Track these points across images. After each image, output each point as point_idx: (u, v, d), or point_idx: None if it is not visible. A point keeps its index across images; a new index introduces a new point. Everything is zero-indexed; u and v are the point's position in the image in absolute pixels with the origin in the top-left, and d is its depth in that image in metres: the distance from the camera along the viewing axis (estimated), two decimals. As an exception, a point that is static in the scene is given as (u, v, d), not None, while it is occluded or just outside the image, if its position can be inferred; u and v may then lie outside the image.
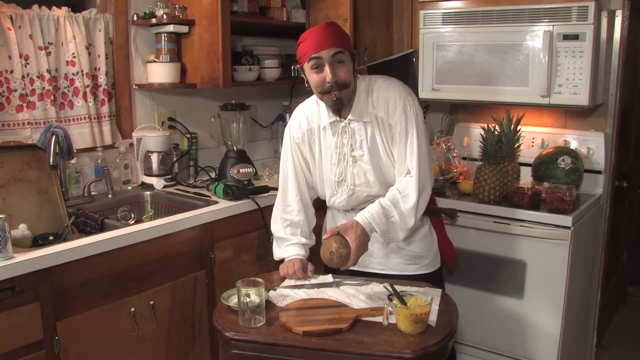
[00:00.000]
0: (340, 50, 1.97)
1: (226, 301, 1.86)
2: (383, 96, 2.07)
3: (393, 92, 2.06)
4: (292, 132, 2.23)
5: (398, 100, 2.04)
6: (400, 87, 2.09)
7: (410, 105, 2.05)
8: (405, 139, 2.04)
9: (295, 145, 2.22)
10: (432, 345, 1.62)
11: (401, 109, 2.04)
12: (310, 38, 2.00)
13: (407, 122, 2.04)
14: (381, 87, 2.09)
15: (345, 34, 2.06)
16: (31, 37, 2.51)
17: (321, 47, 1.96)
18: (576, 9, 2.56)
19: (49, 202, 2.41)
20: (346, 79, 2.00)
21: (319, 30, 2.00)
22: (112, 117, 2.88)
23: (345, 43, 2.01)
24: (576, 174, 2.80)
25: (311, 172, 2.24)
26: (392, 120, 2.05)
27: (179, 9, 2.89)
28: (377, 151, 2.10)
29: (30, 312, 1.88)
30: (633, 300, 4.20)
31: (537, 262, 2.60)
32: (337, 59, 1.97)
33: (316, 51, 1.97)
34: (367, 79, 2.13)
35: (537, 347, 2.66)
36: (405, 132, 2.04)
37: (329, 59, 1.97)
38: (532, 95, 2.72)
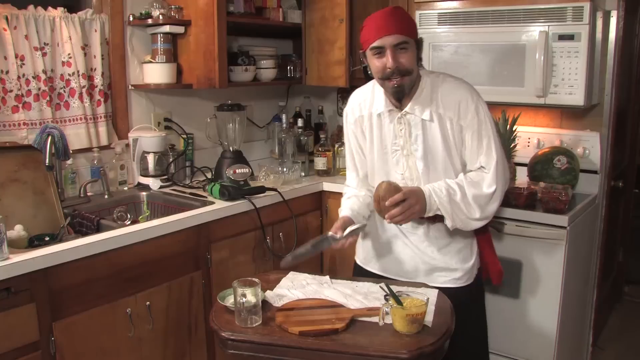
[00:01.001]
0: (404, 39, 1.89)
1: (222, 301, 1.86)
2: (453, 96, 1.98)
3: (464, 93, 1.99)
4: (348, 118, 2.19)
5: (470, 102, 1.97)
6: (471, 89, 2.02)
7: (482, 109, 1.98)
8: (478, 141, 1.98)
9: (352, 131, 2.18)
10: (428, 345, 1.62)
11: (474, 110, 1.97)
12: (374, 23, 1.92)
13: (479, 125, 1.97)
14: (451, 86, 2.01)
15: (410, 19, 1.96)
16: (27, 38, 2.51)
17: (384, 33, 1.88)
18: (571, 9, 2.57)
19: (44, 203, 2.41)
20: (408, 65, 1.91)
21: (383, 15, 1.91)
22: (108, 118, 2.88)
23: (410, 30, 1.92)
24: (572, 174, 2.80)
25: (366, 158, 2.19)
26: (463, 121, 1.97)
27: (175, 10, 2.89)
28: (434, 149, 2.02)
29: (26, 313, 1.88)
30: (629, 299, 4.21)
31: (533, 262, 2.60)
32: (400, 46, 1.89)
33: (378, 37, 1.89)
34: (434, 75, 2.05)
35: (533, 346, 2.66)
36: (478, 135, 1.98)
37: (392, 46, 1.89)
38: (528, 95, 2.72)
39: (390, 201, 1.85)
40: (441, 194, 1.93)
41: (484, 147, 1.98)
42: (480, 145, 1.98)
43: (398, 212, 1.86)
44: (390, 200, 1.85)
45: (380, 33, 1.88)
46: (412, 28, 1.94)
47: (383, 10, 1.94)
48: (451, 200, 1.94)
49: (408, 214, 1.88)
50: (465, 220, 1.98)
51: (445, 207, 1.94)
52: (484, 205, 1.98)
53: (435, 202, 1.92)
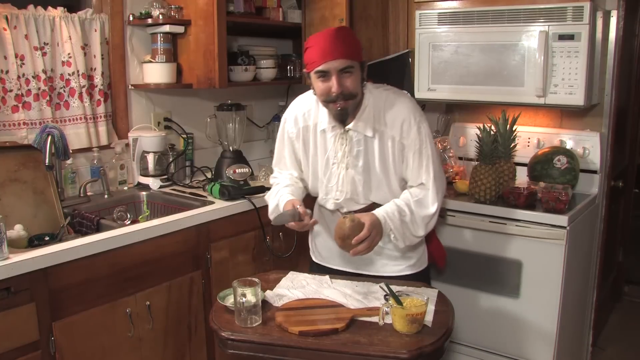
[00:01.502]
0: (349, 63, 1.91)
1: (222, 301, 1.86)
2: (397, 115, 2.02)
3: (407, 112, 2.02)
4: (287, 126, 2.21)
5: (413, 121, 2.01)
6: (413, 107, 2.06)
7: (424, 128, 2.04)
8: (420, 160, 2.03)
9: (289, 140, 2.21)
10: (428, 345, 1.62)
11: (416, 131, 2.02)
12: (319, 45, 1.91)
13: (421, 144, 2.02)
14: (394, 105, 2.04)
15: (355, 41, 1.98)
16: (27, 37, 2.51)
17: (329, 58, 1.89)
18: (571, 9, 2.57)
19: (44, 203, 2.41)
20: (353, 89, 1.94)
21: (329, 38, 1.90)
22: (108, 118, 2.88)
23: (355, 53, 1.94)
24: (572, 174, 2.80)
25: (302, 167, 2.23)
26: (405, 140, 2.03)
27: (175, 9, 2.89)
28: (374, 165, 2.07)
29: (26, 312, 1.88)
30: (629, 299, 4.22)
31: (533, 262, 2.60)
32: (345, 70, 1.92)
33: (323, 62, 1.90)
34: (377, 92, 2.07)
35: (533, 346, 2.66)
36: (419, 154, 2.03)
37: (337, 70, 1.91)
38: (528, 95, 2.72)
39: (357, 239, 1.87)
40: (394, 217, 1.98)
41: (424, 166, 2.05)
42: (422, 164, 2.04)
43: (364, 247, 1.89)
44: (356, 238, 1.86)
45: (325, 57, 1.89)
46: (357, 51, 1.96)
47: (328, 32, 1.92)
48: (402, 222, 2.00)
49: (372, 245, 1.92)
50: (411, 238, 2.06)
51: (398, 230, 2.00)
52: (428, 223, 2.06)
53: (390, 226, 1.97)
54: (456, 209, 2.78)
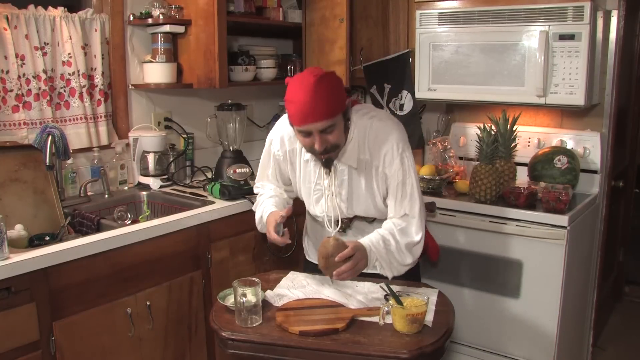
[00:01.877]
0: (331, 122, 1.84)
1: (223, 301, 1.86)
2: (380, 145, 1.98)
3: (390, 143, 1.98)
4: (273, 148, 2.16)
5: (395, 152, 1.97)
6: (397, 135, 2.00)
7: (407, 157, 1.99)
8: (403, 191, 1.99)
9: (275, 161, 2.18)
10: (429, 345, 1.62)
11: (399, 162, 1.97)
12: (298, 104, 1.82)
13: (404, 175, 1.98)
14: (378, 135, 1.99)
15: (336, 94, 1.85)
16: (27, 37, 2.51)
17: (308, 120, 1.82)
18: (572, 9, 2.57)
19: (45, 203, 2.41)
20: (336, 142, 1.90)
21: (306, 97, 1.79)
22: (108, 117, 2.88)
23: (336, 107, 1.84)
24: (572, 174, 2.80)
25: (293, 183, 2.21)
26: (388, 171, 1.99)
27: (175, 9, 2.89)
28: (358, 193, 2.06)
29: (26, 312, 1.88)
30: (629, 299, 4.21)
31: (534, 262, 2.60)
32: (327, 130, 1.85)
33: (303, 124, 1.84)
34: (360, 123, 2.00)
35: (533, 346, 2.66)
36: (402, 185, 1.99)
37: (318, 131, 1.84)
38: (528, 95, 2.72)
39: (340, 256, 1.81)
40: (379, 246, 1.92)
41: (407, 196, 2.00)
42: (405, 194, 2.00)
43: (348, 267, 1.82)
44: (340, 255, 1.81)
45: (305, 120, 1.83)
46: (338, 104, 1.86)
47: (307, 89, 1.80)
48: (388, 252, 1.95)
49: (356, 269, 1.84)
50: (399, 267, 2.00)
51: (385, 259, 1.95)
52: (414, 251, 2.01)
53: (375, 255, 1.92)
54: (456, 209, 2.78)
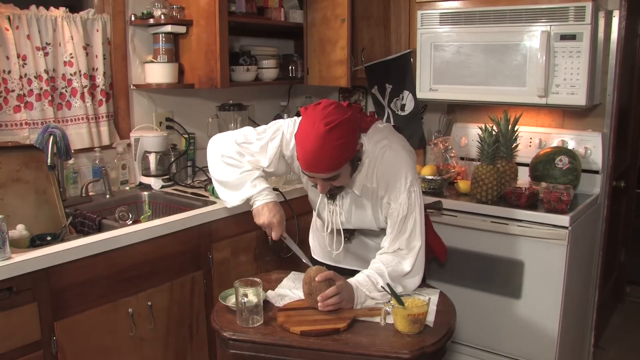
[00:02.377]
0: (335, 173, 1.79)
1: (224, 301, 1.86)
2: (389, 177, 1.91)
3: (399, 175, 1.90)
4: (283, 147, 2.04)
5: (403, 186, 1.89)
6: (407, 167, 1.91)
7: (414, 192, 1.91)
8: (404, 225, 1.91)
9: (282, 156, 2.06)
10: (430, 345, 1.62)
11: (405, 196, 1.89)
12: (303, 151, 1.77)
13: (408, 210, 1.90)
14: (388, 165, 1.91)
15: (345, 145, 1.76)
16: (29, 38, 2.51)
17: (312, 170, 1.79)
18: (573, 9, 2.57)
19: (46, 203, 2.41)
20: (341, 184, 1.87)
21: (311, 147, 1.74)
22: (109, 118, 2.88)
23: (343, 161, 1.78)
24: (574, 174, 2.80)
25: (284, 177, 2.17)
26: (393, 202, 1.92)
27: (177, 9, 2.89)
28: (360, 215, 2.03)
29: (28, 312, 1.88)
30: (631, 300, 4.21)
31: (535, 262, 2.60)
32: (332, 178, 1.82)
33: (308, 171, 1.80)
34: (372, 150, 1.91)
35: (535, 347, 2.66)
36: (404, 219, 1.91)
37: (322, 179, 1.82)
38: (530, 95, 2.72)
39: (320, 276, 1.78)
40: (367, 283, 1.84)
41: (407, 232, 1.91)
42: (404, 230, 1.91)
43: (331, 291, 1.77)
44: (320, 275, 1.78)
45: (310, 168, 1.79)
46: (345, 156, 1.78)
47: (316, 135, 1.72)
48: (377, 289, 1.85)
49: (340, 297, 1.78)
50: None
51: (375, 295, 1.85)
52: (405, 283, 1.91)
53: (364, 292, 1.83)
54: (458, 209, 2.78)
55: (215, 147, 2.10)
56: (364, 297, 1.83)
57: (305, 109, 1.84)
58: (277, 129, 2.06)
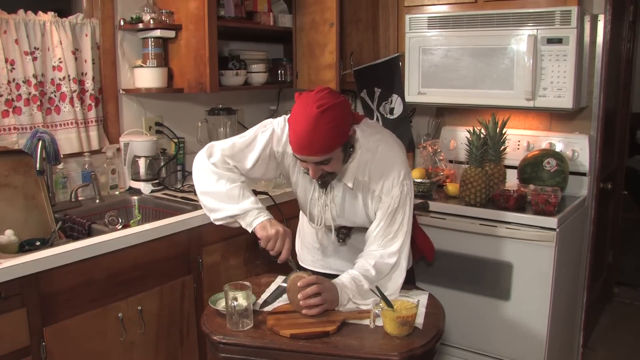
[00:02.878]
0: (326, 157, 1.78)
1: (214, 305, 1.86)
2: (383, 171, 1.92)
3: (393, 171, 1.91)
4: (274, 142, 1.98)
5: (396, 181, 1.90)
6: (401, 162, 1.93)
7: (406, 186, 1.92)
8: (392, 220, 1.92)
9: (269, 153, 1.99)
10: (419, 347, 1.63)
11: (398, 190, 1.90)
12: (295, 134, 1.77)
13: (398, 205, 1.91)
14: (382, 160, 1.92)
15: (337, 128, 1.75)
16: (17, 42, 2.51)
17: (303, 152, 1.78)
18: (559, 13, 2.60)
19: (35, 208, 2.40)
20: (332, 171, 1.86)
21: (304, 129, 1.74)
22: (99, 122, 2.88)
23: (335, 144, 1.77)
24: (561, 176, 2.83)
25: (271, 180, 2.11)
26: (385, 197, 1.92)
27: (166, 14, 2.89)
28: (351, 209, 2.03)
29: (16, 318, 1.87)
30: (619, 300, 4.24)
31: (523, 264, 2.62)
32: (323, 162, 1.81)
33: (300, 154, 1.79)
34: (365, 144, 1.92)
35: (524, 348, 2.67)
36: (394, 214, 1.91)
37: (314, 163, 1.81)
38: (517, 98, 2.74)
39: (303, 282, 1.78)
40: (351, 285, 1.84)
41: (397, 223, 1.92)
42: (394, 221, 1.92)
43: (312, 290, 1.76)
44: (302, 281, 1.78)
45: (302, 151, 1.78)
46: (340, 138, 1.78)
47: (309, 118, 1.72)
48: (360, 291, 1.84)
49: (323, 297, 1.78)
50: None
51: (358, 298, 1.85)
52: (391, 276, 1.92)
53: (347, 294, 1.82)
54: (446, 212, 2.79)
55: (202, 164, 2.01)
56: (347, 299, 1.83)
57: (300, 94, 1.84)
58: (267, 124, 2.02)
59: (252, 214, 1.92)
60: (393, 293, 1.89)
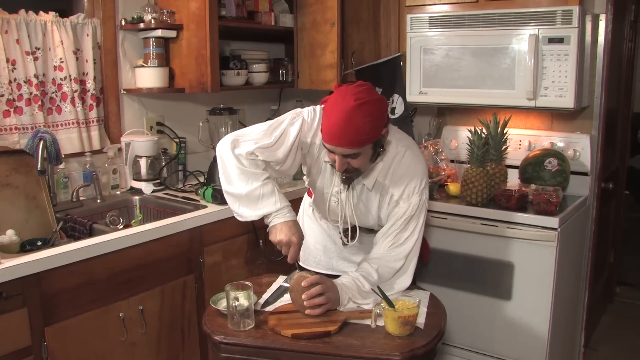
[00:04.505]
0: (356, 151, 1.79)
1: (215, 305, 1.87)
2: (404, 177, 1.94)
3: (415, 179, 1.94)
4: (303, 132, 1.95)
5: (417, 188, 1.94)
6: (423, 172, 1.97)
7: (425, 196, 1.96)
8: (406, 225, 1.94)
9: (298, 145, 1.97)
10: (420, 347, 1.63)
11: (417, 197, 1.94)
12: (329, 122, 1.78)
13: (414, 211, 1.94)
14: (407, 167, 1.95)
15: (372, 124, 1.76)
16: (18, 42, 2.51)
17: (334, 142, 1.78)
18: (561, 13, 2.59)
19: (37, 208, 2.40)
20: (358, 167, 1.86)
21: (338, 119, 1.74)
22: (100, 122, 2.88)
23: (367, 139, 1.78)
24: (563, 176, 2.82)
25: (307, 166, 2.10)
26: (403, 202, 1.95)
27: (167, 14, 2.89)
28: (364, 208, 2.04)
29: (18, 318, 1.88)
30: (620, 300, 4.23)
31: (525, 264, 2.61)
32: (351, 156, 1.81)
33: (330, 144, 1.80)
34: (393, 149, 1.95)
35: (525, 348, 2.67)
36: (409, 219, 1.94)
37: (342, 155, 1.81)
38: (519, 98, 2.74)
39: (307, 281, 1.79)
40: (351, 285, 1.85)
41: (409, 230, 1.95)
42: (407, 228, 1.95)
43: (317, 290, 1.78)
44: (307, 281, 1.79)
45: (332, 141, 1.78)
46: (372, 134, 1.79)
47: (345, 108, 1.74)
48: (360, 292, 1.85)
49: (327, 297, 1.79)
50: None
51: (358, 299, 1.85)
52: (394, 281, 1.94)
53: (347, 294, 1.84)
54: (448, 212, 2.79)
55: (226, 154, 1.94)
56: (347, 299, 1.83)
57: (339, 85, 1.86)
58: (297, 114, 1.98)
59: (270, 216, 1.90)
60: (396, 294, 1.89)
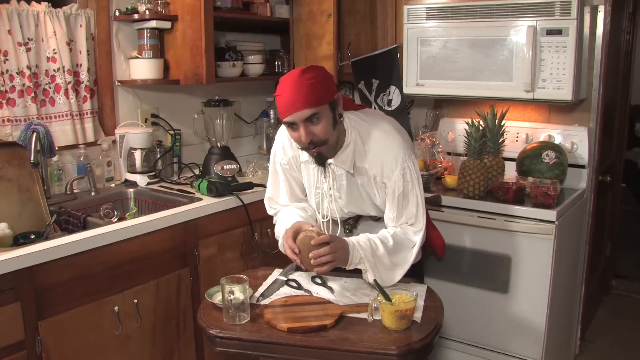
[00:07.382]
0: (314, 111, 1.81)
1: (210, 298, 1.85)
2: (379, 157, 1.95)
3: (389, 154, 1.94)
4: (278, 157, 2.14)
5: (395, 164, 1.93)
6: (398, 147, 1.95)
7: (408, 168, 1.95)
8: (404, 202, 1.96)
9: (283, 172, 2.14)
10: (417, 341, 1.62)
11: (399, 173, 1.93)
12: (284, 95, 1.83)
13: (406, 187, 1.94)
14: (377, 145, 1.96)
15: (322, 83, 1.83)
16: (10, 33, 2.47)
17: (292, 109, 1.81)
18: (559, 4, 2.57)
19: (30, 200, 2.38)
20: (323, 135, 1.86)
21: (290, 87, 1.81)
22: (94, 114, 2.85)
23: (321, 97, 1.82)
24: (560, 169, 2.81)
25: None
26: (387, 180, 1.96)
27: (162, 5, 2.86)
28: (358, 198, 2.05)
29: (11, 312, 1.86)
30: (616, 293, 4.25)
31: (522, 257, 2.61)
32: (312, 119, 1.83)
33: (288, 113, 1.82)
34: (361, 127, 1.98)
35: (522, 340, 2.67)
36: (404, 197, 1.95)
37: (303, 120, 1.83)
38: (516, 90, 2.73)
39: (316, 240, 1.79)
40: (366, 246, 1.88)
41: (411, 205, 1.97)
42: (407, 205, 1.97)
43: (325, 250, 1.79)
44: (316, 240, 1.79)
45: (289, 109, 1.82)
46: (324, 93, 1.83)
47: (291, 80, 1.82)
48: (374, 255, 1.88)
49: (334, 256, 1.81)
50: (385, 274, 1.92)
51: (370, 260, 1.88)
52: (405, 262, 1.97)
53: (360, 254, 1.87)
54: (445, 204, 2.78)
55: None
56: (358, 259, 1.87)
57: None
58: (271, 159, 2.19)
59: None
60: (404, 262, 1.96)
